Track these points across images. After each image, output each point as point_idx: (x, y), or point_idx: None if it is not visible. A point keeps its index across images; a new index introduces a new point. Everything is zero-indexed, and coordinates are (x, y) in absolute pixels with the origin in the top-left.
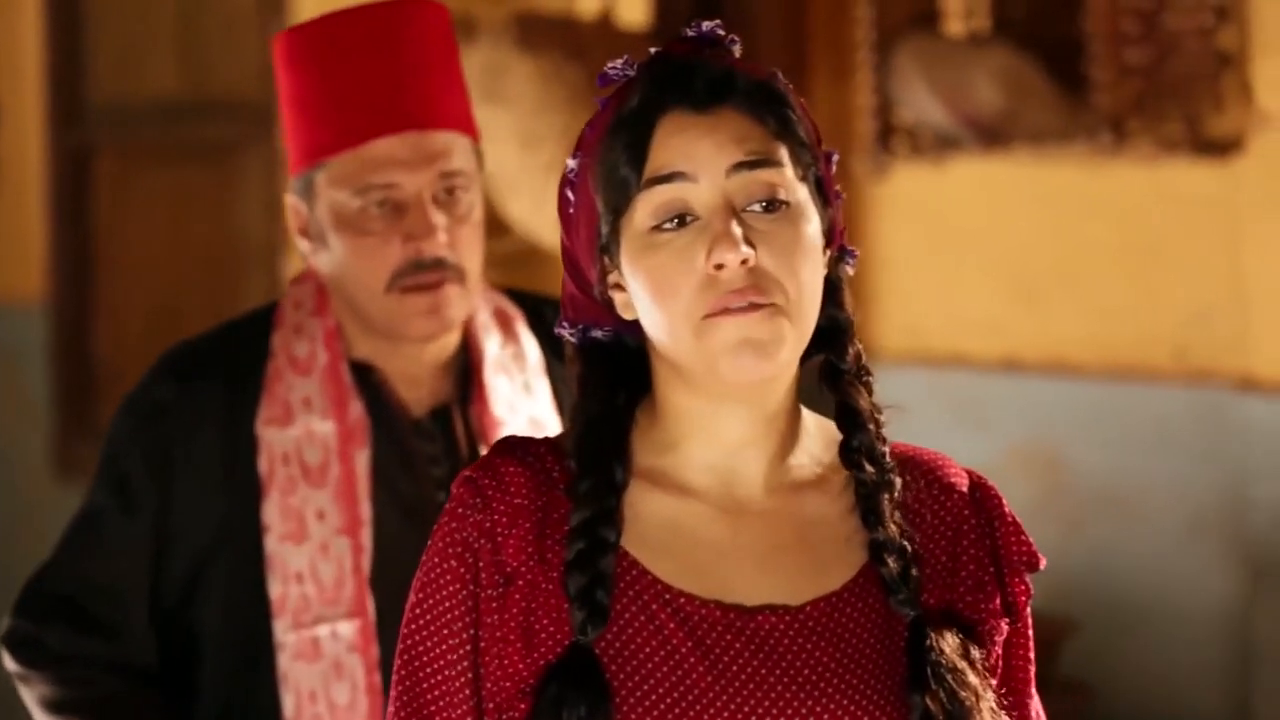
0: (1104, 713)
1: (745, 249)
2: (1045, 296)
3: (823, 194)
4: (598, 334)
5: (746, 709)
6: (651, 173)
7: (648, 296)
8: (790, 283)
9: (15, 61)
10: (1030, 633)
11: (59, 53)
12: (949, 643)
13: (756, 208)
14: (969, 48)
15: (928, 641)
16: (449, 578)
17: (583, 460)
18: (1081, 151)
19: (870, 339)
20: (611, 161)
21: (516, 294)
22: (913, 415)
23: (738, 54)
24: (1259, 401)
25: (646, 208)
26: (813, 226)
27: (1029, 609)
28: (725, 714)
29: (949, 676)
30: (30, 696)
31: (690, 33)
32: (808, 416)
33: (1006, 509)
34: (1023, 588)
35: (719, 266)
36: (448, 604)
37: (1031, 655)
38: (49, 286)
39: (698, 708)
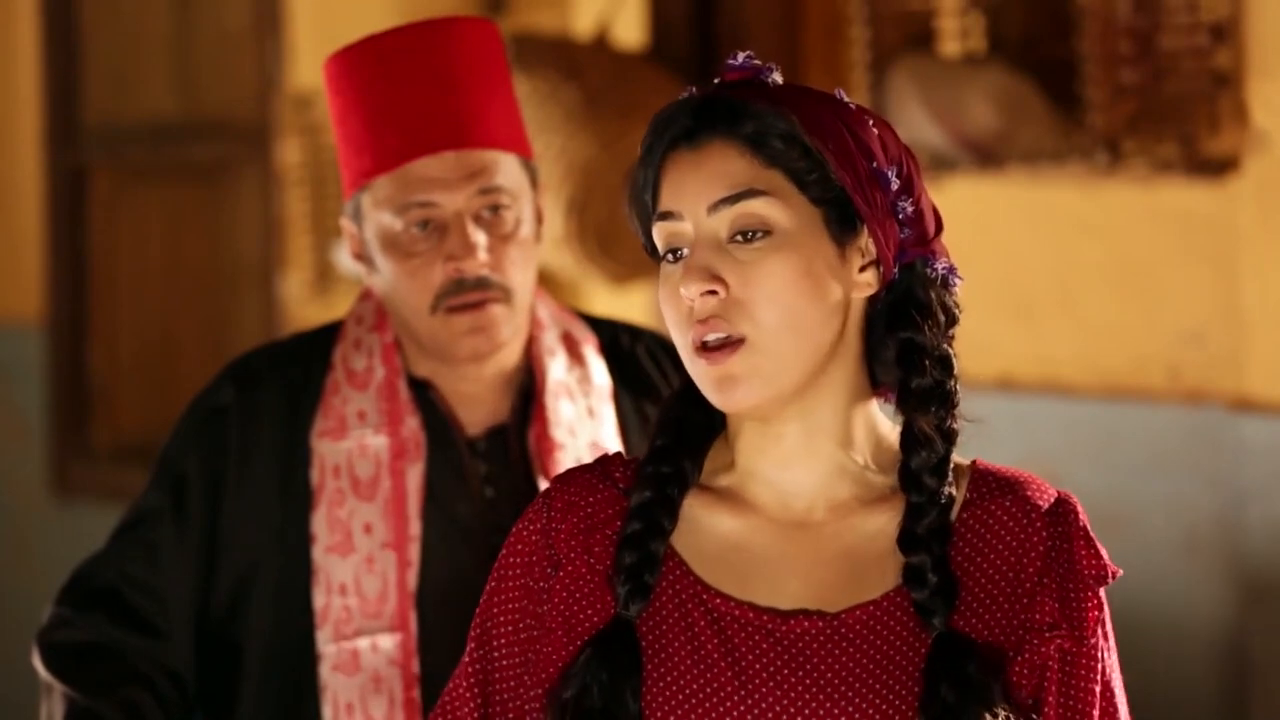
0: None
1: (700, 284)
2: (1040, 316)
3: (849, 215)
4: None
5: (763, 709)
6: (656, 208)
7: (667, 323)
8: (765, 310)
9: (11, 83)
10: (1099, 650)
11: (54, 74)
12: (971, 667)
13: (740, 238)
14: (964, 68)
15: (947, 665)
16: (496, 569)
17: (654, 450)
18: (1076, 171)
19: None
20: (634, 194)
21: (593, 319)
22: None
23: (774, 82)
24: (1253, 421)
25: (659, 239)
26: (809, 251)
27: (1101, 623)
28: (739, 711)
29: (963, 701)
30: (47, 712)
31: (729, 63)
32: (891, 435)
33: (1081, 523)
34: (1094, 601)
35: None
36: (491, 594)
37: (1097, 675)
38: (45, 306)
39: (714, 702)
